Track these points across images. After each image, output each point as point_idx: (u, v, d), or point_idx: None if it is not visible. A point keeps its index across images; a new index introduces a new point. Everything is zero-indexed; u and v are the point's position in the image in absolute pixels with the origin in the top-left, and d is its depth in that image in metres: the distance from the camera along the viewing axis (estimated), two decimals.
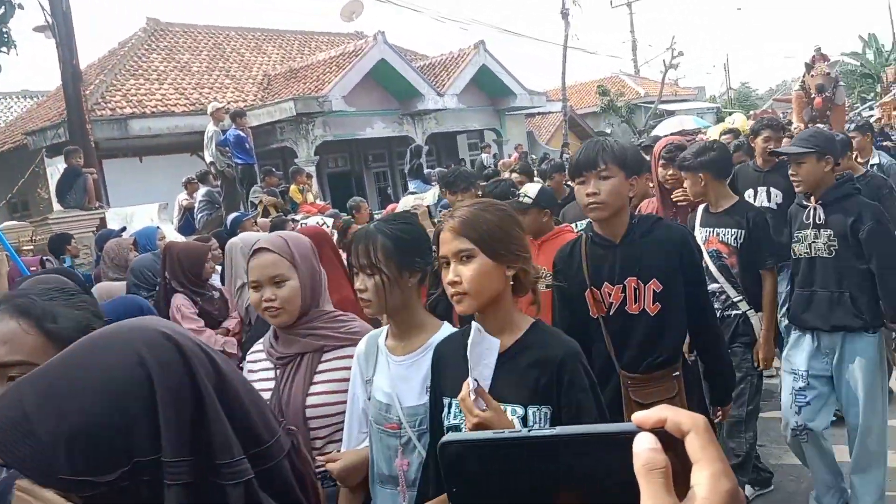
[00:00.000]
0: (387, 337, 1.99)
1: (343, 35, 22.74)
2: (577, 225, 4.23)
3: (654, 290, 2.42)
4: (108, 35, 33.72)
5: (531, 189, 3.74)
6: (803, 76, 18.37)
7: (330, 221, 4.48)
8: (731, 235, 3.47)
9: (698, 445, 0.47)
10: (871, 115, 24.91)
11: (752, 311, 3.49)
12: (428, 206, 4.79)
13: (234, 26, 21.10)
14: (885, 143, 12.82)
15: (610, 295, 2.47)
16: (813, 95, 17.83)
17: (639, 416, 0.49)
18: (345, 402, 2.02)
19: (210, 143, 10.64)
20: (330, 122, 16.00)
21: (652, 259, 2.44)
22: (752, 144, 5.28)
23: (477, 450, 0.53)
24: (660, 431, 0.49)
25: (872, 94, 40.86)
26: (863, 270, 3.20)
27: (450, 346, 1.77)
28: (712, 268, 3.47)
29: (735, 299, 3.48)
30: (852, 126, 6.57)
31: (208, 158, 10.84)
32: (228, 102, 14.67)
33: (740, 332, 3.48)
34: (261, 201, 9.54)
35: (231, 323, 4.67)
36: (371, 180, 19.68)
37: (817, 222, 3.28)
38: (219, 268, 5.56)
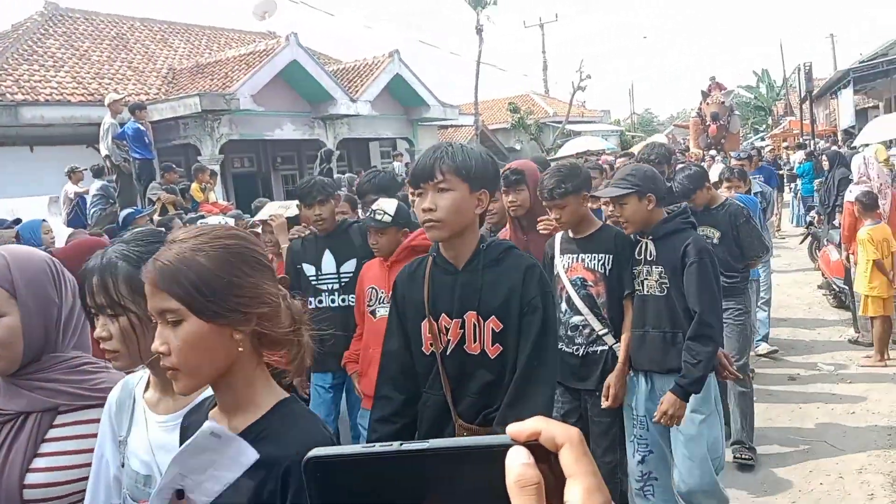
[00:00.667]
0: (147, 386, 1.52)
1: (254, 34, 22.25)
2: None
3: (492, 329, 2.07)
4: (1, 17, 31.74)
5: (388, 206, 3.42)
6: (700, 104, 19.32)
7: (231, 222, 4.26)
8: (598, 261, 3.19)
9: (572, 459, 0.47)
10: (764, 146, 26.43)
11: (620, 345, 3.17)
12: (287, 218, 4.41)
13: (139, 17, 20.27)
14: (775, 170, 13.61)
15: (447, 330, 2.11)
16: (708, 123, 18.78)
17: (513, 429, 0.48)
18: (83, 480, 1.52)
19: (106, 135, 10.14)
20: (237, 121, 15.57)
21: (494, 292, 2.08)
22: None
23: (346, 464, 0.50)
24: (533, 444, 0.48)
25: (764, 126, 43.59)
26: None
27: (200, 417, 1.33)
28: (575, 298, 3.16)
29: (600, 333, 3.14)
30: (742, 154, 6.89)
31: (104, 151, 10.32)
32: (129, 94, 14.06)
33: (609, 368, 3.13)
34: (158, 198, 9.14)
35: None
36: (279, 182, 19.29)
37: (648, 258, 3.12)
38: None
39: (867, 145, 10.80)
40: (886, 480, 4.01)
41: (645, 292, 3.13)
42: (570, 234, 3.27)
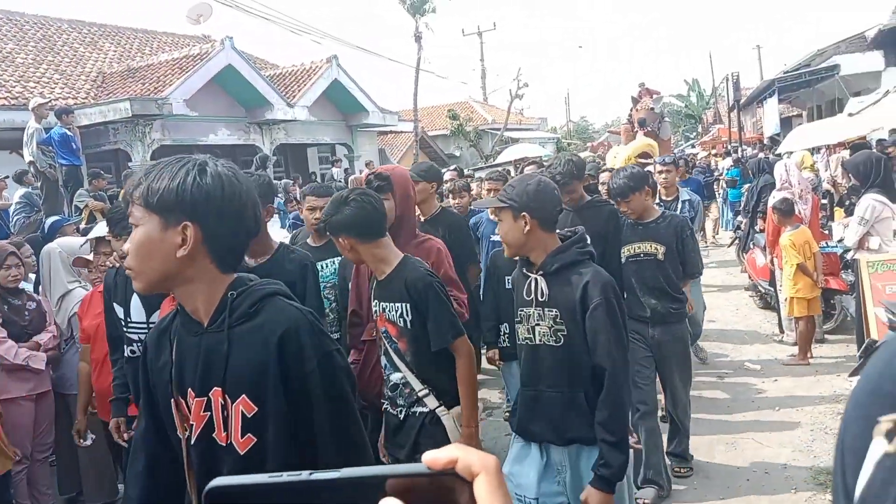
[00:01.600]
0: None
1: (188, 37, 21.79)
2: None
3: (242, 413, 1.52)
4: None
5: None
6: (631, 110, 19.62)
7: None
8: (396, 311, 2.63)
9: (487, 490, 0.46)
10: (695, 153, 27.22)
11: (444, 408, 2.65)
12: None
13: (66, 18, 19.60)
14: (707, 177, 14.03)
15: (190, 410, 1.58)
16: (636, 130, 19.07)
17: (429, 457, 0.47)
18: None
19: (30, 140, 9.76)
20: (169, 126, 15.21)
21: (244, 361, 1.52)
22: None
23: (250, 494, 0.48)
24: (451, 473, 0.47)
25: (695, 133, 44.94)
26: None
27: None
28: (392, 352, 2.68)
29: (420, 393, 2.65)
30: (667, 159, 6.86)
31: (28, 157, 9.94)
32: (56, 98, 13.57)
33: (425, 435, 2.63)
34: (86, 206, 8.84)
35: (44, 337, 4.28)
36: None
37: (540, 299, 2.51)
38: (32, 276, 5.08)
39: (791, 153, 11.25)
40: (809, 475, 4.16)
41: (537, 341, 2.54)
42: (378, 277, 2.73)
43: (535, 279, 2.54)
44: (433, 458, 0.47)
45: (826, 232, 7.58)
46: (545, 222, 2.52)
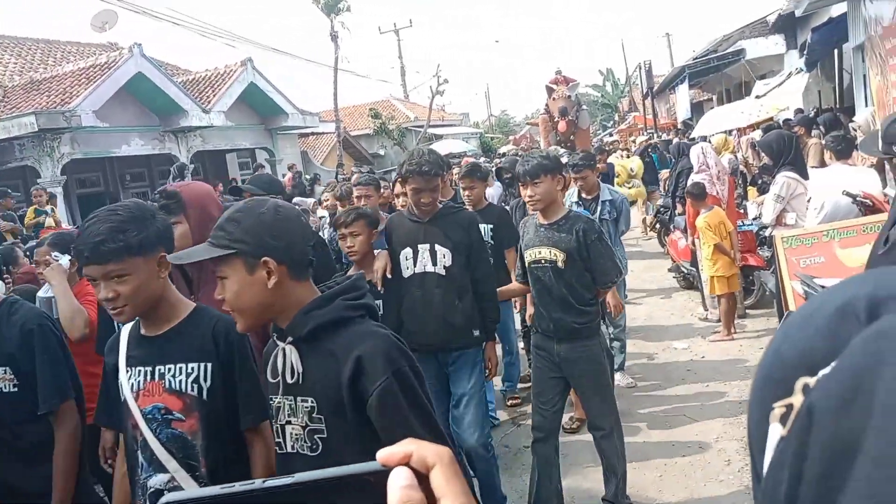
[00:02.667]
0: None
1: (94, 46, 20.95)
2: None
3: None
4: None
5: None
6: (547, 100, 19.47)
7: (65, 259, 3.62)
8: (189, 375, 1.93)
9: (443, 480, 0.46)
10: (612, 140, 27.87)
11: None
12: None
13: None
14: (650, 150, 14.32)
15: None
16: (556, 119, 18.88)
17: (383, 454, 0.47)
18: None
19: None
20: (79, 139, 14.60)
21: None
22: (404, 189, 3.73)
23: None
24: (406, 467, 0.47)
25: (612, 122, 46.11)
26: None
27: None
28: (154, 445, 1.92)
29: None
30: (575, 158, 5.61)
31: None
32: None
33: None
34: None
35: None
36: None
37: (289, 381, 1.75)
38: None
39: (705, 137, 11.63)
40: (740, 445, 4.31)
41: (288, 448, 1.78)
42: (142, 329, 2.00)
43: (283, 350, 1.75)
44: (388, 454, 0.47)
45: (741, 211, 7.88)
46: (296, 266, 1.75)
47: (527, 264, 3.65)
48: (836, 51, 12.40)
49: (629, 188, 11.14)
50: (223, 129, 17.97)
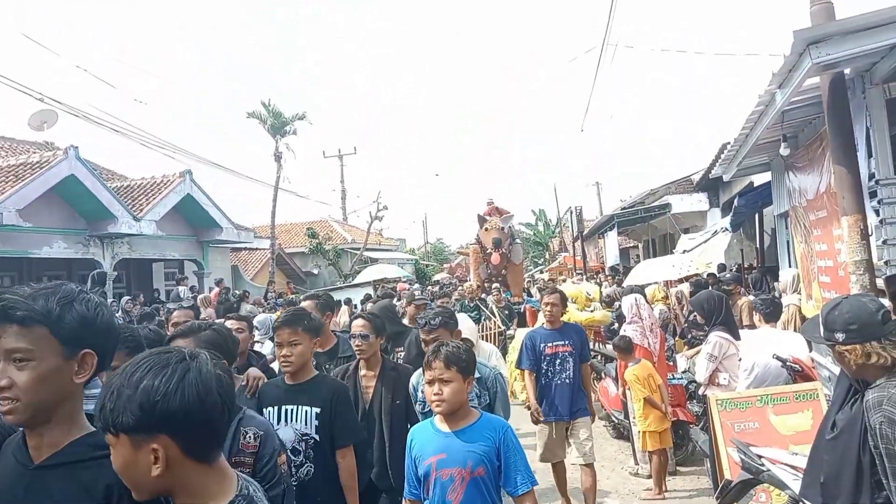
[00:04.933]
0: None
1: (29, 143, 20.58)
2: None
3: None
4: None
5: None
6: (479, 231, 19.21)
7: None
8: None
9: None
10: (543, 277, 28.41)
11: None
12: None
13: None
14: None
15: None
16: (489, 251, 18.51)
17: None
18: None
19: None
20: None
21: None
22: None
23: None
24: None
25: (542, 260, 47.31)
26: None
27: None
28: None
29: None
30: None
31: None
32: None
33: None
34: None
35: None
36: None
37: None
38: None
39: (642, 287, 11.86)
40: None
41: None
42: None
43: None
44: None
45: (671, 364, 7.92)
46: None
47: None
48: (756, 214, 13.17)
49: (591, 312, 10.63)
50: (153, 238, 17.57)
